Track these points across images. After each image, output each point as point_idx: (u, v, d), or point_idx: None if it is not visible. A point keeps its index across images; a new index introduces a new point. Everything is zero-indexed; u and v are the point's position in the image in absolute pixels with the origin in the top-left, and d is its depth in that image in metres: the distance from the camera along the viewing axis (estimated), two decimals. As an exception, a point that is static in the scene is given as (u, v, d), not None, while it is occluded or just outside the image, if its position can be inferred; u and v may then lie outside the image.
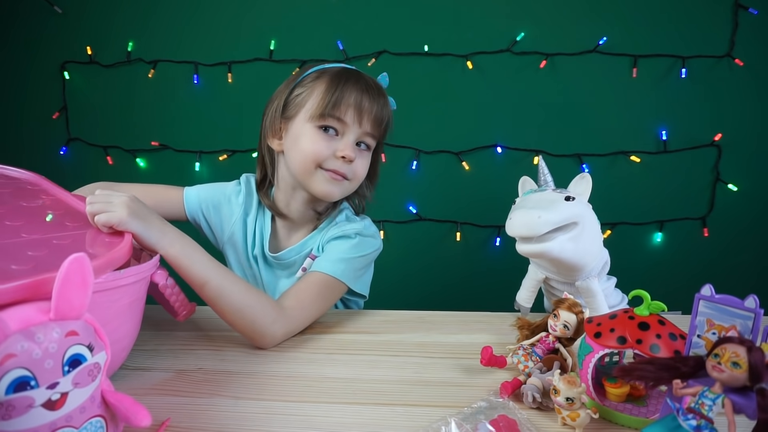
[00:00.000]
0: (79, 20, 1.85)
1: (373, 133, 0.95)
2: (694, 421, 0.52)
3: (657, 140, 1.81)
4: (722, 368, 0.50)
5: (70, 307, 0.48)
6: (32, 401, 0.44)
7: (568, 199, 0.80)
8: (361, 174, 0.96)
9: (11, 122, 1.93)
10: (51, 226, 0.66)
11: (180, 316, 0.78)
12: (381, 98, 0.95)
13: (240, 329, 0.80)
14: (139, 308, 0.72)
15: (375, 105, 0.93)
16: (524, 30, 1.76)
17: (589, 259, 0.82)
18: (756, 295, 0.53)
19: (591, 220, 0.82)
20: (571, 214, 0.78)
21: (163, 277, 0.73)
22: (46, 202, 0.76)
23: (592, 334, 0.65)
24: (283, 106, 0.96)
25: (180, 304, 0.76)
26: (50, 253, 0.56)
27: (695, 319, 0.56)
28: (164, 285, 0.73)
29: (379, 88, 0.96)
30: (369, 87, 0.93)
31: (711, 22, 1.72)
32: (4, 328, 0.44)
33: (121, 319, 0.67)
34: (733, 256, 1.87)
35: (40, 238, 0.59)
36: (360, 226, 0.99)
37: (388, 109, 0.97)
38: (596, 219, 0.84)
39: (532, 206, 0.79)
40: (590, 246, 0.82)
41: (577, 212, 0.79)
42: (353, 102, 0.90)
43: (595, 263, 0.84)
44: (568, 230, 0.78)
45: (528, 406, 0.66)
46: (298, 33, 1.80)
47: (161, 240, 0.74)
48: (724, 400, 0.50)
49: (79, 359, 0.47)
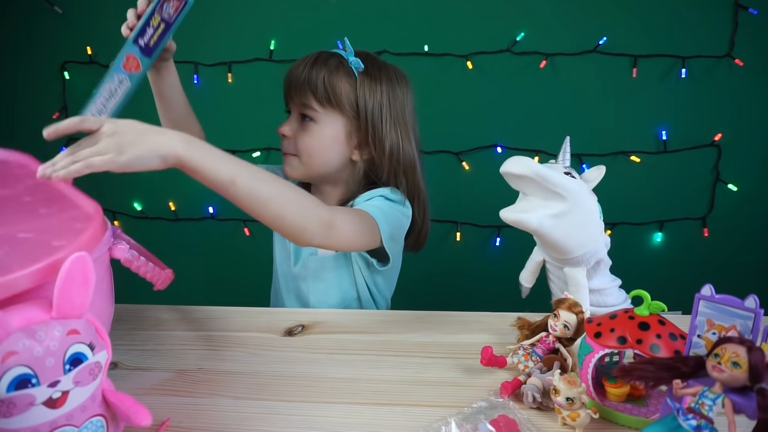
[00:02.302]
0: (79, 20, 1.84)
1: (307, 102, 0.95)
2: (694, 421, 0.52)
3: (657, 140, 1.81)
4: (722, 368, 0.50)
5: (71, 306, 0.48)
6: (33, 399, 0.44)
7: (568, 174, 0.79)
8: (308, 147, 0.97)
9: (11, 122, 1.93)
10: (21, 215, 0.62)
11: (157, 285, 0.72)
12: (318, 67, 0.94)
13: (288, 217, 0.75)
14: (104, 288, 0.65)
15: (305, 73, 0.93)
16: (524, 30, 1.76)
17: (572, 243, 0.80)
18: (756, 295, 0.53)
19: (584, 206, 0.80)
20: (562, 186, 0.76)
21: (124, 251, 0.66)
22: (29, 185, 0.72)
23: (592, 334, 0.65)
24: None
25: (151, 274, 0.70)
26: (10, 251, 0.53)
27: (695, 319, 0.57)
28: (127, 259, 0.67)
29: (325, 57, 0.96)
30: (308, 59, 0.95)
31: (711, 22, 1.72)
32: (5, 326, 0.44)
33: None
34: (733, 256, 1.87)
35: (4, 233, 0.56)
36: (386, 191, 1.00)
37: (334, 77, 0.95)
38: (595, 209, 0.82)
39: None
40: (577, 231, 0.79)
41: (569, 188, 0.77)
42: (290, 79, 0.96)
43: (583, 252, 0.81)
44: (551, 206, 0.76)
45: (528, 406, 0.66)
46: (298, 33, 1.80)
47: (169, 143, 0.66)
48: (724, 400, 0.50)
49: (80, 358, 0.48)
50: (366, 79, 0.98)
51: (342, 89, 0.96)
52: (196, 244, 1.93)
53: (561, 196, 0.77)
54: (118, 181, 1.95)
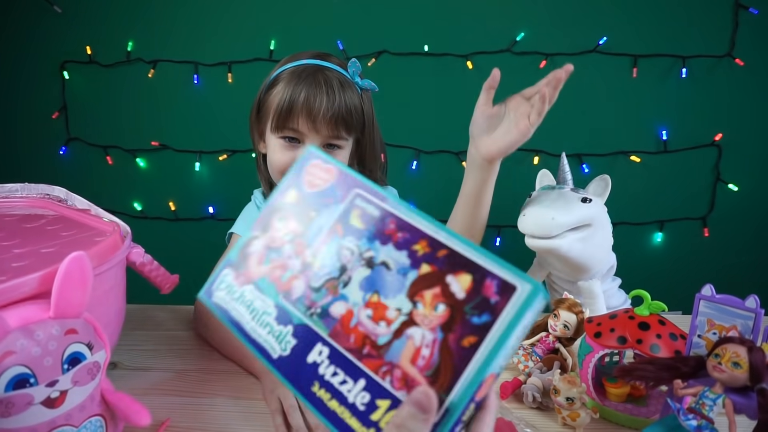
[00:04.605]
0: (78, 20, 1.84)
1: (336, 134, 0.86)
2: (694, 421, 0.52)
3: (657, 140, 1.81)
4: (723, 368, 0.50)
5: (69, 306, 0.48)
6: (31, 399, 0.44)
7: (584, 200, 0.80)
8: None
9: (11, 122, 1.93)
10: (45, 237, 0.65)
11: (164, 290, 0.74)
12: (338, 93, 0.85)
13: None
14: (120, 291, 0.69)
15: (330, 103, 0.84)
16: (524, 30, 1.76)
17: (595, 261, 0.82)
18: (756, 295, 0.53)
19: (604, 223, 0.82)
20: (585, 217, 0.79)
21: (140, 255, 0.70)
22: (49, 219, 0.75)
23: (592, 334, 0.65)
24: (258, 108, 0.92)
25: (161, 278, 0.73)
26: (34, 261, 0.55)
27: (696, 319, 0.56)
28: (142, 263, 0.70)
29: (339, 80, 0.87)
30: (321, 84, 0.85)
31: (711, 22, 1.72)
32: (3, 326, 0.44)
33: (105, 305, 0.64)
34: (733, 256, 1.87)
35: (28, 250, 0.59)
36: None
37: (352, 99, 0.87)
38: (609, 222, 0.84)
39: (547, 205, 0.79)
40: (599, 248, 0.82)
41: (590, 215, 0.79)
42: (304, 107, 0.83)
43: (602, 266, 0.84)
44: (579, 230, 0.79)
45: (528, 406, 0.66)
46: (298, 33, 1.80)
47: None
48: (724, 400, 0.50)
49: (79, 357, 0.47)
50: (363, 92, 0.92)
51: (359, 110, 0.90)
52: (196, 244, 1.93)
53: (587, 224, 0.79)
54: (118, 181, 1.96)
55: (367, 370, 0.35)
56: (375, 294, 0.36)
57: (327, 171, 0.43)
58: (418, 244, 0.37)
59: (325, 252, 0.39)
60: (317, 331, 0.37)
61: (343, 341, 0.36)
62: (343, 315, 0.37)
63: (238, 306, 0.41)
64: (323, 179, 0.43)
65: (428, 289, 0.35)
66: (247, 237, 0.43)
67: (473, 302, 0.34)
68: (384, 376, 0.34)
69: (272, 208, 0.43)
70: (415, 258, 0.36)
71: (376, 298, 0.36)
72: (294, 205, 0.43)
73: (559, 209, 0.77)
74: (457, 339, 0.33)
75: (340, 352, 0.36)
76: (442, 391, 0.32)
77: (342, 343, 0.36)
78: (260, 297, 0.40)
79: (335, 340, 0.36)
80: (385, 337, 0.35)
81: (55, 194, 0.82)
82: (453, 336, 0.33)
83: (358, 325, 0.36)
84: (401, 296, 0.36)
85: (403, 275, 0.36)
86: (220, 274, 0.43)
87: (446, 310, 0.34)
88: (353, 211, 0.40)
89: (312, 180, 0.43)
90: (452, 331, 0.33)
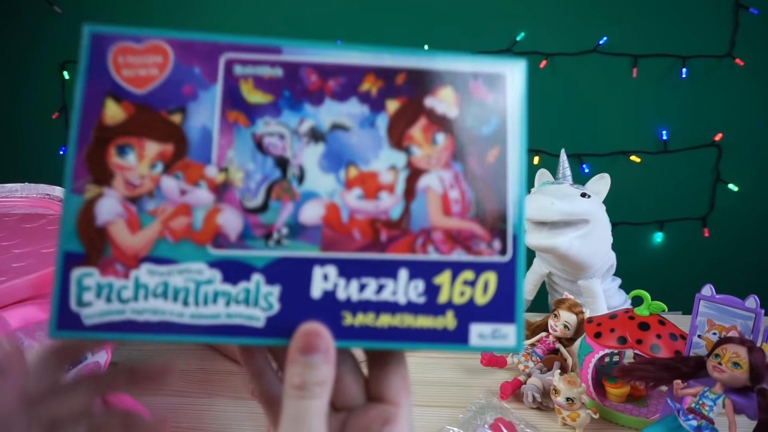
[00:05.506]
0: (78, 20, 1.83)
1: None
2: (694, 421, 0.52)
3: (657, 140, 1.81)
4: (723, 368, 0.50)
5: (70, 307, 0.48)
6: (32, 401, 0.44)
7: (584, 195, 0.80)
8: None
9: (11, 122, 1.93)
10: (44, 238, 0.65)
11: None
12: None
13: None
14: None
15: None
16: (524, 30, 1.76)
17: (595, 259, 0.82)
18: (756, 295, 0.53)
19: (602, 221, 0.82)
20: (584, 211, 0.78)
21: None
22: (50, 219, 0.76)
23: (592, 334, 0.65)
24: None
25: None
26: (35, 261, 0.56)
27: (696, 319, 0.56)
28: None
29: None
30: None
31: (711, 22, 1.72)
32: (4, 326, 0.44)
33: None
34: (733, 256, 1.87)
35: (29, 250, 0.59)
36: None
37: None
38: (608, 220, 0.84)
39: (548, 193, 0.79)
40: (598, 246, 0.82)
41: (590, 210, 0.79)
42: None
43: (601, 264, 0.84)
44: (578, 227, 0.78)
45: (528, 406, 0.66)
46: (298, 33, 1.80)
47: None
48: (724, 400, 0.50)
49: (79, 359, 0.47)
50: None
51: None
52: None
53: (585, 220, 0.79)
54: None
55: (400, 257, 0.27)
56: (350, 167, 0.28)
57: (152, 50, 0.28)
58: (363, 82, 0.28)
59: (239, 156, 0.27)
60: (302, 256, 0.27)
61: (347, 244, 0.27)
62: (325, 215, 0.27)
63: (147, 304, 0.28)
64: (154, 64, 0.28)
65: (412, 126, 0.28)
66: (77, 204, 0.27)
67: (471, 113, 0.28)
68: (425, 250, 0.27)
69: (96, 140, 0.27)
70: (371, 100, 0.28)
71: (355, 171, 0.28)
72: (132, 121, 0.27)
73: (559, 198, 0.78)
74: (479, 159, 0.28)
75: (351, 259, 0.27)
76: (500, 221, 0.28)
77: (347, 247, 0.27)
78: (174, 270, 0.27)
79: (335, 249, 0.27)
80: (397, 207, 0.28)
81: (55, 194, 0.82)
82: (472, 159, 0.28)
83: (353, 214, 0.28)
84: (385, 151, 0.28)
85: (371, 126, 0.28)
86: (69, 286, 0.27)
87: (448, 137, 0.28)
88: (242, 86, 0.28)
89: (133, 74, 0.27)
90: (468, 154, 0.28)
